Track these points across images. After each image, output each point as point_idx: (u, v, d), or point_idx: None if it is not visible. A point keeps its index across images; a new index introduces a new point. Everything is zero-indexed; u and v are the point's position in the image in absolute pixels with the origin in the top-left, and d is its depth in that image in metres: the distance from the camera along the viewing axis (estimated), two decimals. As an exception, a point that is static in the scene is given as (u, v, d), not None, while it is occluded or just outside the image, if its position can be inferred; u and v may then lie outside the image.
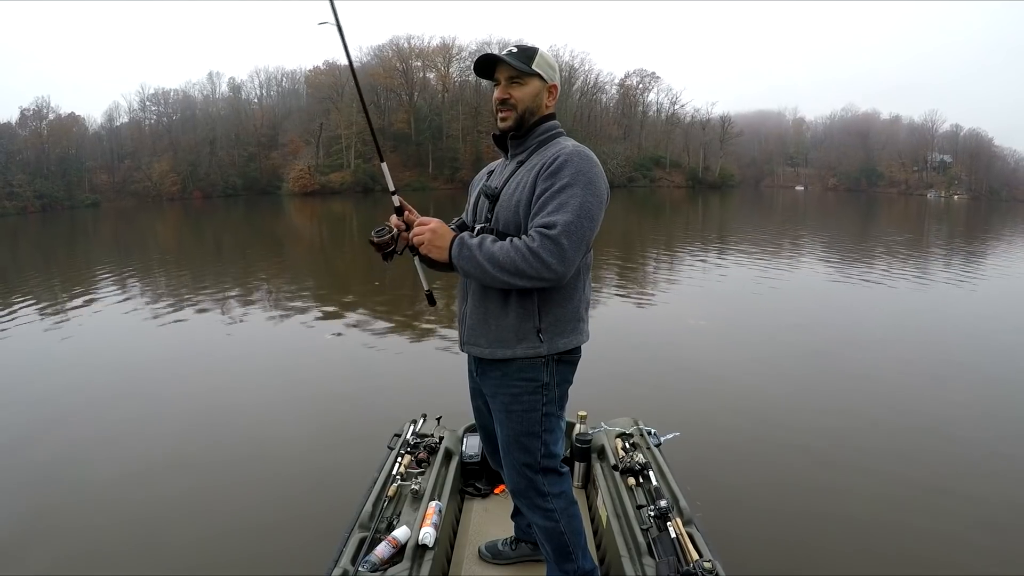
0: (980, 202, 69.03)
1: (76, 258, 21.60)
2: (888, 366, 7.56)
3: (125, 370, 7.64)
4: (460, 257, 2.01)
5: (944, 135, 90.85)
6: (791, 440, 5.38)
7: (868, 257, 17.70)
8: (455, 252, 2.01)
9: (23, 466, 5.07)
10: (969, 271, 15.53)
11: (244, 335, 9.33)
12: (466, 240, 2.02)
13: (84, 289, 13.14)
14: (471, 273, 2.02)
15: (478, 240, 2.01)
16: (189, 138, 68.24)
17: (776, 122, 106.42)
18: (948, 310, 11.19)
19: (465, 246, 2.00)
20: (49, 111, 63.48)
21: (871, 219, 38.75)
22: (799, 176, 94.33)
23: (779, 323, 9.87)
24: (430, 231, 2.06)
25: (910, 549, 3.85)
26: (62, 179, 59.21)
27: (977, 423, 5.81)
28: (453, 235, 2.05)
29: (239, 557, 3.80)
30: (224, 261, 18.84)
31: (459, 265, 2.02)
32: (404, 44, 77.47)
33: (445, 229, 2.08)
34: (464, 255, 2.00)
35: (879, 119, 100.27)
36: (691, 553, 2.39)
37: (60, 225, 38.61)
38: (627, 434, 3.47)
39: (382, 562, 2.44)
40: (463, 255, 2.00)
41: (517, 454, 2.26)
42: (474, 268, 1.99)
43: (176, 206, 55.15)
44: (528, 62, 2.10)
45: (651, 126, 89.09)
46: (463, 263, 2.01)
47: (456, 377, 2.96)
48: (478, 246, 1.99)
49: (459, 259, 2.01)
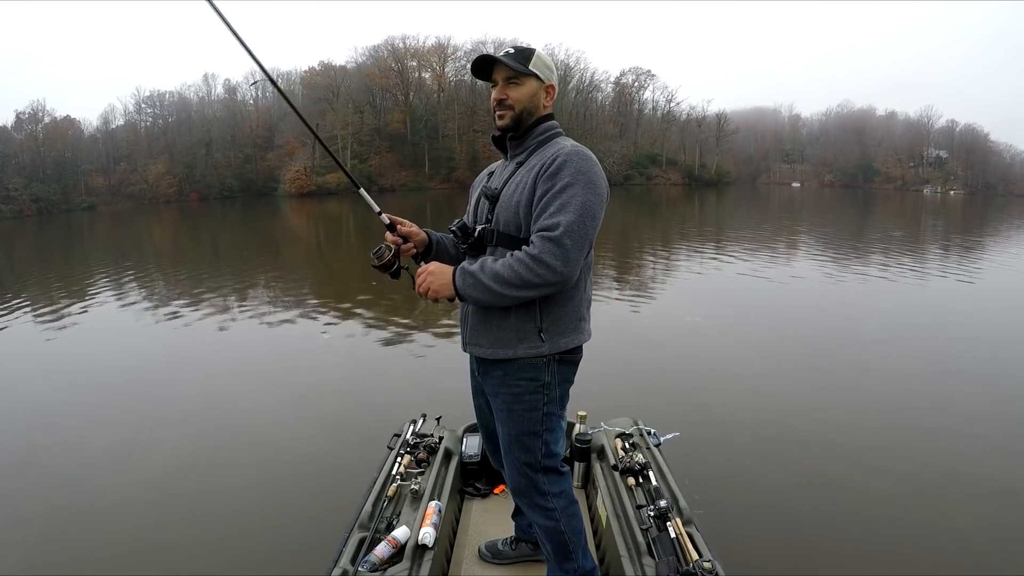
0: (976, 197, 69.12)
1: (73, 261, 21.59)
2: (889, 362, 7.56)
3: (124, 372, 7.64)
4: (465, 286, 2.00)
5: (940, 131, 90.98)
6: (792, 439, 5.38)
7: (867, 253, 17.77)
8: (459, 283, 2.01)
9: (22, 466, 5.07)
10: (967, 266, 15.56)
11: (243, 336, 9.33)
12: (467, 268, 2.01)
13: (82, 292, 13.12)
14: (481, 299, 2.02)
15: (478, 264, 2.01)
16: (185, 140, 68.19)
17: (772, 119, 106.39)
18: (950, 305, 11.22)
19: (467, 274, 2.00)
20: (45, 114, 63.66)
21: (868, 215, 38.83)
22: (795, 173, 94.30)
23: (778, 320, 9.90)
24: (428, 274, 2.07)
25: (911, 549, 3.85)
26: (58, 182, 59.22)
27: (981, 420, 5.80)
28: (453, 269, 2.05)
29: (239, 557, 3.80)
30: (222, 263, 18.80)
31: (466, 294, 2.01)
32: (399, 44, 77.51)
33: (441, 267, 2.08)
34: (468, 283, 1.99)
35: (875, 115, 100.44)
36: (691, 553, 2.39)
37: (57, 228, 38.58)
38: (627, 434, 3.46)
39: (382, 562, 2.43)
40: (467, 283, 2.00)
41: (518, 453, 2.26)
42: (482, 293, 1.99)
43: (172, 208, 55.13)
44: (525, 62, 2.10)
45: (647, 124, 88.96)
46: (469, 291, 2.00)
47: (456, 377, 2.96)
48: (480, 270, 1.99)
49: (464, 288, 2.01)
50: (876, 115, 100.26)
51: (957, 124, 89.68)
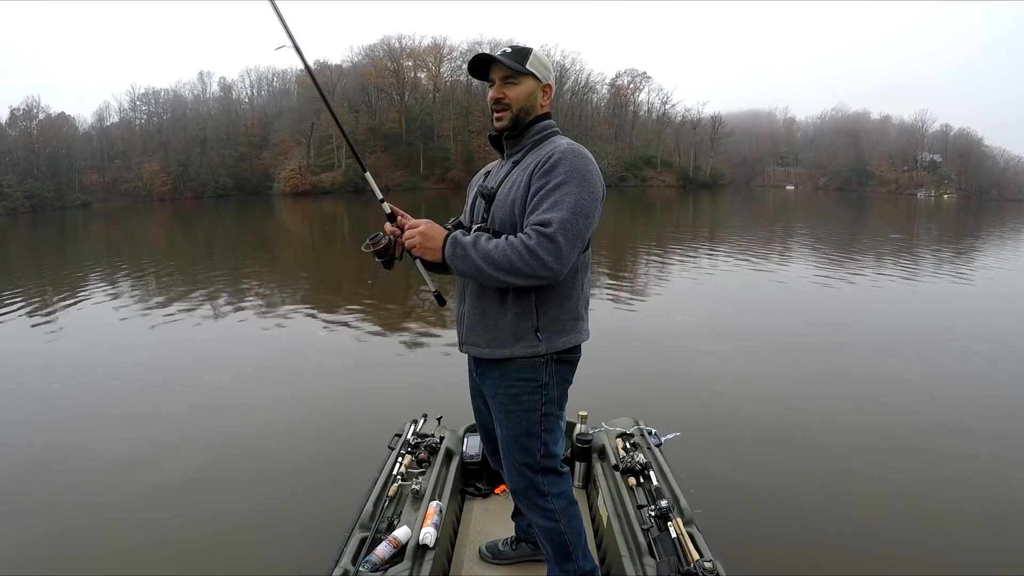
0: (970, 201, 69.49)
1: (66, 260, 21.47)
2: (889, 363, 7.57)
3: (122, 370, 7.61)
4: (454, 256, 1.99)
5: (934, 135, 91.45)
6: (792, 439, 5.38)
7: (863, 255, 17.79)
8: (448, 252, 2.00)
9: (21, 466, 5.05)
10: (962, 268, 15.63)
11: (242, 336, 9.27)
12: (459, 239, 1.99)
13: (77, 290, 13.04)
14: (466, 272, 2.00)
15: (472, 238, 1.99)
16: (179, 138, 68.07)
17: (767, 121, 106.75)
18: (948, 306, 11.25)
19: (459, 245, 1.98)
20: (39, 111, 63.39)
21: (863, 218, 38.93)
22: (790, 175, 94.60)
23: (778, 320, 9.91)
24: (419, 233, 2.05)
25: (911, 549, 3.85)
26: (52, 179, 58.98)
27: (982, 422, 5.80)
28: (445, 234, 2.04)
29: (239, 557, 3.79)
30: (216, 262, 18.71)
31: (453, 265, 2.00)
32: (395, 44, 77.54)
33: (435, 229, 2.06)
34: (458, 254, 1.98)
35: (869, 119, 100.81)
36: (692, 553, 2.39)
37: (51, 226, 38.33)
38: (628, 434, 3.46)
39: (383, 562, 2.43)
40: (456, 254, 1.98)
41: (517, 454, 2.26)
42: (469, 267, 1.97)
43: (167, 207, 54.91)
44: (522, 62, 2.10)
45: (642, 126, 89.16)
46: (457, 262, 1.99)
47: (456, 377, 2.95)
48: (472, 244, 1.97)
49: (452, 258, 1.99)
50: (871, 118, 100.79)
51: (951, 128, 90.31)
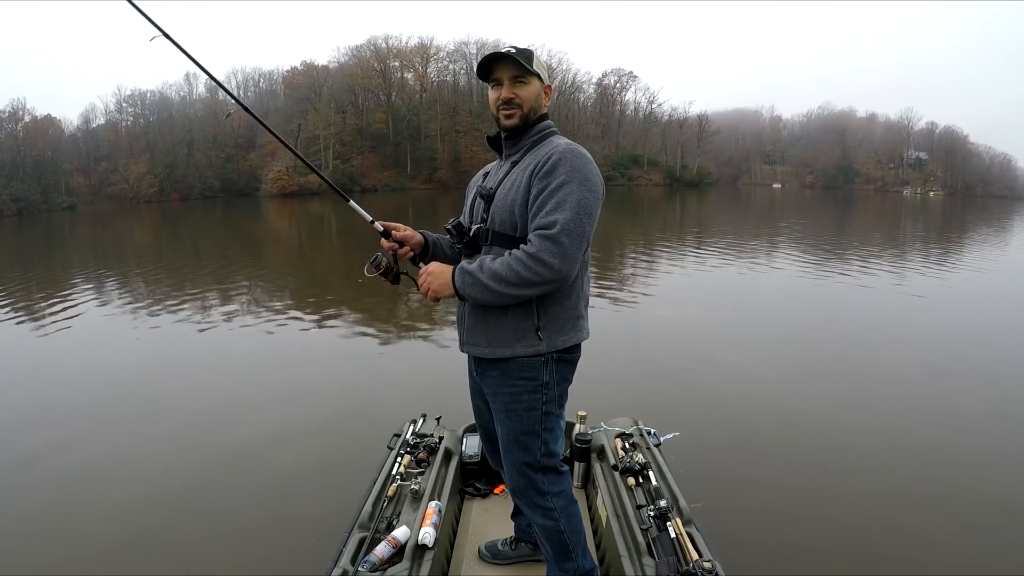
0: (955, 198, 70.00)
1: (53, 263, 21.29)
2: (889, 362, 7.60)
3: (120, 371, 7.60)
4: (464, 285, 2.02)
5: (920, 132, 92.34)
6: (792, 439, 5.39)
7: (858, 252, 17.92)
8: (458, 282, 2.03)
9: (20, 466, 5.03)
10: (946, 266, 15.77)
11: (239, 337, 9.21)
12: (465, 267, 2.03)
13: (66, 294, 12.90)
14: (480, 298, 2.03)
15: (477, 263, 2.02)
16: (166, 140, 67.67)
17: (753, 120, 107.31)
18: (948, 306, 11.28)
19: (466, 273, 2.02)
20: (24, 113, 62.90)
21: (849, 216, 39.14)
22: (776, 174, 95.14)
23: (778, 320, 9.94)
24: (428, 275, 2.11)
25: (911, 549, 3.85)
26: (38, 182, 58.47)
27: (983, 422, 5.80)
28: (451, 268, 2.07)
29: (239, 557, 3.78)
30: (206, 265, 18.55)
31: (465, 293, 2.03)
32: (382, 44, 77.51)
33: (441, 267, 2.11)
34: (467, 282, 2.01)
35: (856, 117, 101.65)
36: (691, 553, 2.39)
37: (37, 229, 38.05)
38: (627, 434, 3.47)
39: (382, 562, 2.43)
40: (466, 282, 2.01)
41: (517, 453, 2.26)
42: (480, 292, 2.00)
43: (153, 209, 54.55)
44: (529, 62, 2.12)
45: (629, 125, 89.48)
46: (468, 290, 2.02)
47: (456, 377, 2.96)
48: (479, 269, 2.00)
49: (463, 287, 2.02)
50: (857, 117, 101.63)
51: (937, 126, 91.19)
